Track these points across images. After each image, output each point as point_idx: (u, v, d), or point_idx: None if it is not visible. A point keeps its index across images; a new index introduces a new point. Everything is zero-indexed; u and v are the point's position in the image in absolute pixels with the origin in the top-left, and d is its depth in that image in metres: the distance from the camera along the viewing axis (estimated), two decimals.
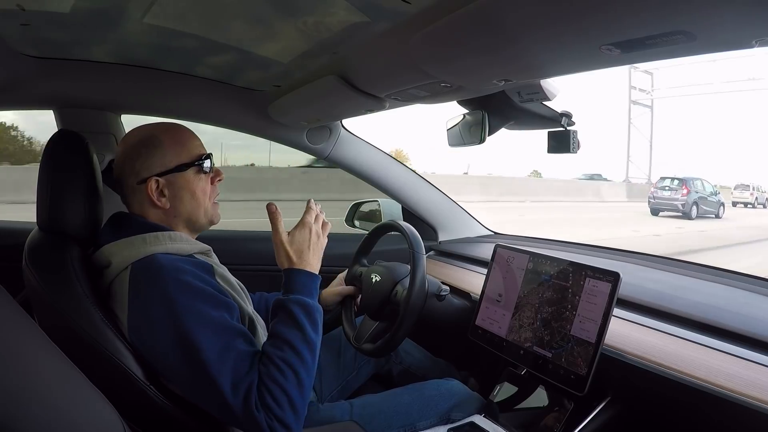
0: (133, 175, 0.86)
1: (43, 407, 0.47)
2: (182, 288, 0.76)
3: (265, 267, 1.57)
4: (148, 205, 0.87)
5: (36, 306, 0.81)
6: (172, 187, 0.87)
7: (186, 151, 0.89)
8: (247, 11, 0.88)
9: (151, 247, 0.80)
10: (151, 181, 0.85)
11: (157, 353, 0.76)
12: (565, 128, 1.13)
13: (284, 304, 0.82)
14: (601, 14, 0.56)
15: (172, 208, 0.87)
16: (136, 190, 0.87)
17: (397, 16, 0.77)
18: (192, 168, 0.88)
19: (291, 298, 0.83)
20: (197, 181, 0.89)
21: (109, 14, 0.93)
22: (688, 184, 12.70)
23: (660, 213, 12.83)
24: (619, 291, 0.89)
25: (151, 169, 0.86)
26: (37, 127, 12.31)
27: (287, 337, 0.79)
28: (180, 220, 0.89)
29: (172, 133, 0.89)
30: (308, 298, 0.84)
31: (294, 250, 0.88)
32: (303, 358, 0.78)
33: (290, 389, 0.75)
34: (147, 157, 0.86)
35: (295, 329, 0.80)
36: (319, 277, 0.88)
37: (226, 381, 0.72)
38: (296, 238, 0.89)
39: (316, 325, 0.82)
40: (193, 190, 0.89)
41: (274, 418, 0.73)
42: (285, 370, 0.76)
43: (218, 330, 0.75)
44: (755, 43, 0.55)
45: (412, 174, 1.66)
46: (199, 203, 0.90)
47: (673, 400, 0.81)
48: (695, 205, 12.61)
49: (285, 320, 0.81)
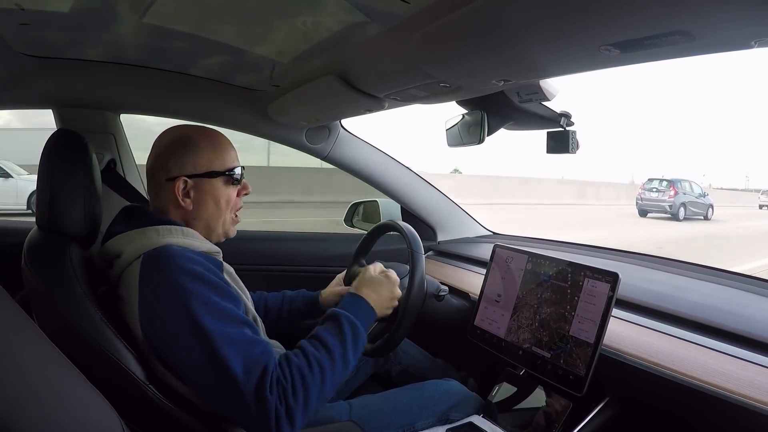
0: (164, 171, 0.87)
1: (41, 407, 0.47)
2: (193, 276, 0.77)
3: (265, 267, 1.58)
4: (172, 203, 0.88)
5: (35, 306, 0.81)
6: (199, 190, 0.88)
7: (220, 158, 0.89)
8: (247, 11, 0.88)
9: (163, 238, 0.81)
10: (179, 181, 0.86)
11: (168, 341, 0.76)
12: (564, 128, 1.13)
13: (338, 317, 0.85)
14: (600, 14, 0.56)
15: (194, 210, 0.88)
16: (163, 186, 0.87)
17: (397, 16, 0.77)
18: (222, 177, 0.89)
19: (346, 314, 0.86)
20: (224, 190, 0.90)
21: (108, 14, 0.93)
22: (675, 185, 12.71)
23: (648, 215, 12.81)
24: (618, 291, 0.89)
25: (182, 169, 0.87)
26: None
27: (329, 343, 0.81)
28: (198, 224, 0.89)
29: (211, 139, 0.90)
30: (360, 324, 0.86)
31: (371, 286, 0.95)
32: (335, 368, 0.80)
33: (311, 387, 0.76)
34: (180, 156, 0.87)
35: (338, 341, 0.82)
36: (376, 316, 0.94)
37: (238, 365, 0.73)
38: (380, 282, 0.97)
39: (357, 349, 0.84)
40: (218, 199, 0.90)
41: (285, 405, 0.73)
42: (315, 368, 0.77)
43: (227, 318, 0.76)
44: (754, 43, 0.55)
45: (411, 174, 1.66)
46: (221, 212, 0.91)
47: (672, 401, 0.82)
48: (683, 207, 12.62)
49: (332, 330, 0.83)
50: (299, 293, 1.20)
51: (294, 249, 1.65)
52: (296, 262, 1.61)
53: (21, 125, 12.12)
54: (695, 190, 13.39)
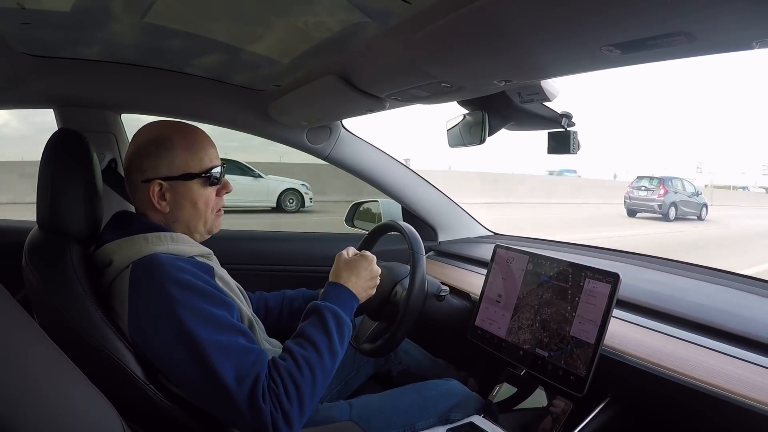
0: (139, 172, 0.86)
1: (42, 406, 0.47)
2: (182, 286, 0.76)
3: (265, 267, 1.58)
4: (148, 205, 0.86)
5: (36, 305, 0.81)
6: (175, 193, 0.86)
7: (197, 159, 0.86)
8: (248, 11, 0.88)
9: (152, 246, 0.80)
10: (154, 184, 0.84)
11: (159, 351, 0.76)
12: (565, 129, 1.13)
13: (319, 309, 0.84)
14: (601, 15, 0.56)
15: (171, 213, 0.86)
16: (139, 187, 0.86)
17: (398, 16, 0.77)
18: (199, 179, 0.87)
19: (327, 305, 0.85)
20: (202, 191, 0.87)
21: (109, 13, 0.93)
22: (666, 183, 12.15)
23: (637, 214, 12.28)
24: (619, 292, 0.89)
25: (156, 171, 0.85)
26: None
27: (314, 339, 0.80)
28: (178, 226, 0.88)
29: (187, 138, 0.87)
30: (343, 312, 0.86)
31: (348, 269, 0.93)
32: (323, 363, 0.79)
33: (303, 387, 0.75)
34: (156, 157, 0.85)
35: (323, 334, 0.81)
36: (358, 300, 0.92)
37: (230, 374, 0.72)
38: (356, 263, 0.95)
39: (343, 338, 0.84)
40: (195, 201, 0.87)
41: (280, 410, 0.73)
42: (303, 367, 0.77)
43: (219, 326, 0.76)
44: (756, 44, 0.55)
45: (412, 174, 1.66)
46: (200, 214, 0.88)
47: (672, 401, 0.82)
48: (673, 207, 12.04)
49: (315, 324, 0.83)
50: (299, 293, 1.20)
51: (294, 249, 1.65)
52: (296, 262, 1.61)
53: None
54: (687, 189, 12.85)
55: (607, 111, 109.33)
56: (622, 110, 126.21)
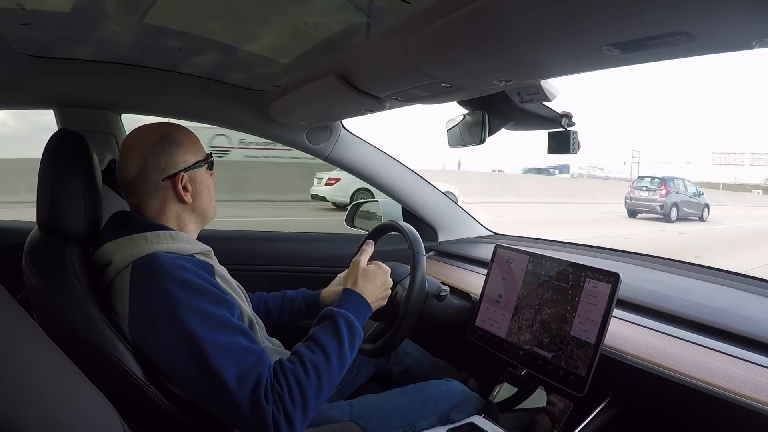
0: (157, 172, 0.86)
1: (42, 406, 0.47)
2: (182, 285, 0.76)
3: (265, 267, 1.58)
4: (173, 200, 0.88)
5: (36, 305, 0.81)
6: (194, 182, 0.90)
7: (198, 148, 0.92)
8: (248, 11, 0.88)
9: (152, 245, 0.80)
10: (179, 178, 0.88)
11: (159, 351, 0.76)
12: (565, 129, 1.13)
13: (333, 315, 0.85)
14: (601, 15, 0.56)
15: (194, 202, 0.90)
16: (160, 187, 0.87)
17: (397, 17, 0.77)
18: (206, 164, 0.93)
19: (342, 312, 0.86)
20: (208, 176, 0.93)
21: (109, 14, 0.93)
22: (667, 184, 12.04)
23: (638, 215, 12.21)
24: (619, 292, 0.89)
25: (177, 165, 0.88)
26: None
27: (324, 344, 0.81)
28: (197, 215, 0.92)
29: (183, 132, 0.92)
30: (356, 320, 0.87)
31: (365, 278, 0.96)
32: (331, 369, 0.79)
33: (308, 391, 0.76)
34: (171, 153, 0.87)
35: (334, 340, 0.82)
36: (371, 309, 0.94)
37: (231, 374, 0.72)
38: (375, 273, 0.98)
39: (354, 346, 0.84)
40: (208, 186, 0.93)
41: (283, 412, 0.73)
42: (310, 371, 0.77)
43: (219, 326, 0.76)
44: (755, 44, 0.55)
45: (412, 174, 1.66)
46: (212, 198, 0.94)
47: (673, 401, 0.81)
48: (675, 207, 11.93)
49: (328, 329, 0.84)
50: (300, 293, 1.20)
51: (294, 249, 1.65)
52: (296, 262, 1.61)
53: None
54: (689, 189, 12.77)
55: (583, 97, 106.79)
56: (595, 96, 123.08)
